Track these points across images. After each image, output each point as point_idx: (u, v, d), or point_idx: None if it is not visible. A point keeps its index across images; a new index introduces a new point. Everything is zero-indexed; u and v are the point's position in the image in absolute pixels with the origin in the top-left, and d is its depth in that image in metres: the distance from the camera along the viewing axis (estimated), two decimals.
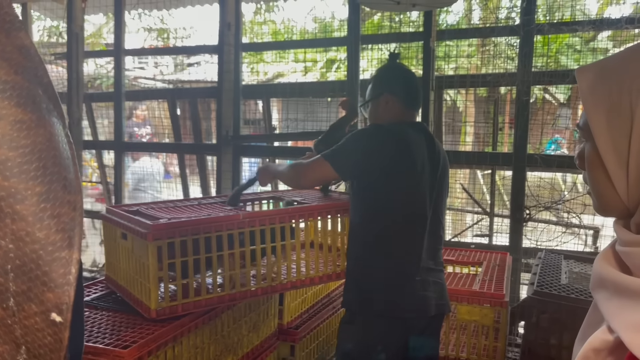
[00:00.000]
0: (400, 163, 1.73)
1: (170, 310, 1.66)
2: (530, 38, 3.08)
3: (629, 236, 0.62)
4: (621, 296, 0.59)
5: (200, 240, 1.70)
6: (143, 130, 5.72)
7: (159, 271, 1.63)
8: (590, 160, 0.66)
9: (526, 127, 3.14)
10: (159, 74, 7.66)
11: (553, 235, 3.34)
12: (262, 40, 6.76)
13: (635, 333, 0.53)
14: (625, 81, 0.60)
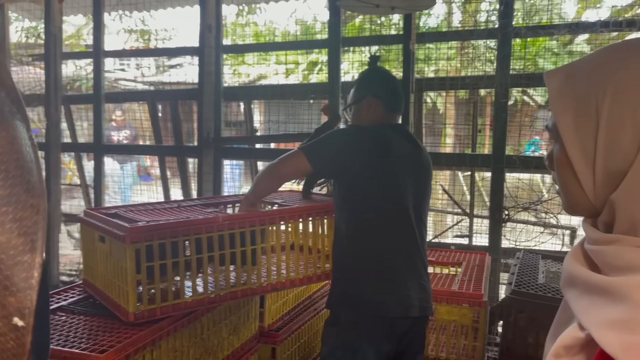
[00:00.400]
0: (378, 162, 1.75)
1: (148, 314, 1.65)
2: (508, 41, 3.12)
3: (597, 235, 0.64)
4: (591, 294, 0.60)
5: (179, 243, 1.69)
6: (121, 134, 5.68)
7: (137, 274, 1.62)
8: (558, 160, 0.67)
9: (504, 129, 3.18)
10: (140, 75, 7.60)
11: (531, 235, 3.39)
12: (244, 42, 6.75)
13: (606, 330, 0.54)
14: (591, 83, 0.62)
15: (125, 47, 8.26)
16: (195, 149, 3.94)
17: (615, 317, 0.54)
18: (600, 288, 0.58)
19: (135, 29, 8.60)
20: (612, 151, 0.60)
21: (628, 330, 0.52)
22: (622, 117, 0.59)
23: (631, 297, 0.54)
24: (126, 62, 8.45)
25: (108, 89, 5.21)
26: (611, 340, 0.53)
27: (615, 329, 0.53)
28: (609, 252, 0.61)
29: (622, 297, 0.55)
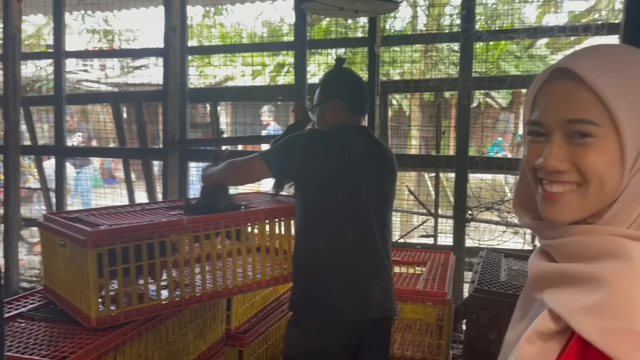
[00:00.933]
0: (336, 165, 1.76)
1: (111, 319, 1.63)
2: (470, 45, 3.19)
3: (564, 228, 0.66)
4: (567, 284, 0.62)
5: (142, 247, 1.67)
6: (74, 137, 5.56)
7: (100, 279, 1.60)
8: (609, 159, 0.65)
9: (467, 131, 3.25)
10: (103, 77, 7.45)
11: (494, 234, 3.47)
12: (210, 44, 6.69)
13: (582, 316, 0.57)
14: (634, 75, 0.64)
15: (87, 47, 8.08)
16: (160, 151, 3.89)
17: (592, 304, 0.56)
18: (579, 276, 0.61)
19: (98, 29, 8.42)
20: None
21: (607, 315, 0.54)
22: None
23: (608, 284, 0.56)
24: (89, 62, 8.27)
25: (70, 90, 5.10)
26: (589, 326, 0.55)
27: (593, 315, 0.56)
28: (581, 242, 0.63)
29: (599, 284, 0.57)
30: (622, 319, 0.53)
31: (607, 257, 0.59)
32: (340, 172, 1.76)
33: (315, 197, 1.79)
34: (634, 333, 0.52)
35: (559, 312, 0.60)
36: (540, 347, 0.62)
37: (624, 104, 0.61)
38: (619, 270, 0.56)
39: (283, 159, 1.78)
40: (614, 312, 0.54)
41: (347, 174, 1.77)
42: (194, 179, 3.92)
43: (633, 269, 0.56)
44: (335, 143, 1.79)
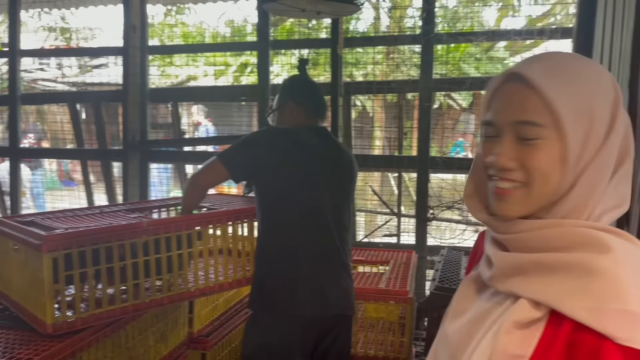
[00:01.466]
0: (291, 162, 1.79)
1: (68, 325, 1.59)
2: (430, 47, 3.25)
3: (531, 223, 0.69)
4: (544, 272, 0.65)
5: (100, 250, 1.64)
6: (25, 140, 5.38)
7: (55, 284, 1.56)
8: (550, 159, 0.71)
9: (428, 132, 3.30)
10: (60, 76, 7.24)
11: (455, 232, 3.53)
12: (172, 43, 6.59)
13: (574, 301, 0.60)
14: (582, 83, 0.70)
15: (44, 46, 7.85)
16: (120, 152, 3.81)
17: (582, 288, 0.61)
18: (559, 265, 0.64)
19: (55, 27, 8.19)
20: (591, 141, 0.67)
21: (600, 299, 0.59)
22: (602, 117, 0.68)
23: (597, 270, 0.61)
24: (46, 61, 8.03)
25: (26, 90, 4.94)
26: (580, 310, 0.59)
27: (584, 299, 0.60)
28: (548, 235, 0.67)
29: (586, 271, 0.61)
30: (614, 301, 0.58)
31: (581, 247, 0.64)
32: (295, 169, 1.79)
33: (270, 195, 1.82)
34: (629, 312, 0.57)
35: (542, 299, 0.63)
36: (520, 335, 0.64)
37: (567, 107, 0.66)
38: (602, 257, 0.61)
39: (239, 159, 1.80)
40: (604, 294, 0.59)
41: (302, 171, 1.80)
42: (155, 181, 3.86)
43: (614, 255, 0.61)
44: (290, 140, 1.82)
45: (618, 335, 0.57)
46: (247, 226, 2.04)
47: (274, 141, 1.82)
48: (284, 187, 1.79)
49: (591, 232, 0.64)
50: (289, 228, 1.80)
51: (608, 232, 0.65)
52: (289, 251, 1.80)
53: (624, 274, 0.60)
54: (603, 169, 0.67)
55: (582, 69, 0.68)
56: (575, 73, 0.68)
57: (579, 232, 0.65)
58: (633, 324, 0.57)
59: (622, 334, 0.57)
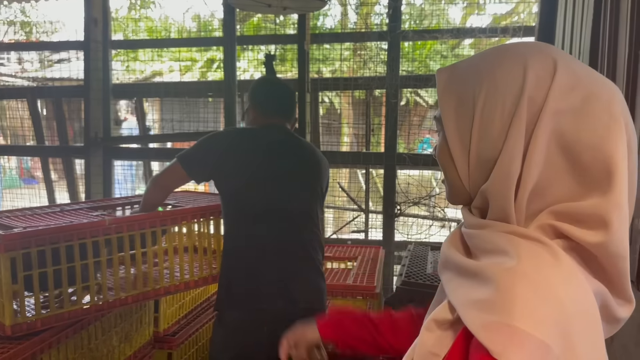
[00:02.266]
0: (248, 161, 1.80)
1: (28, 326, 1.54)
2: (397, 43, 3.27)
3: (472, 219, 0.69)
4: (461, 276, 0.65)
5: (60, 249, 1.59)
6: None
7: (14, 285, 1.51)
8: (441, 147, 0.72)
9: (395, 128, 3.33)
10: (20, 70, 7.02)
11: (422, 228, 3.58)
12: (137, 37, 6.47)
13: (470, 309, 0.59)
14: (471, 79, 0.68)
15: (3, 39, 7.60)
16: (81, 149, 3.72)
17: (479, 298, 0.59)
18: (470, 271, 0.63)
19: (15, 21, 7.94)
20: (483, 140, 0.65)
21: (489, 310, 0.57)
22: (494, 109, 0.64)
23: (494, 281, 0.58)
24: (5, 56, 7.77)
25: None
26: (473, 318, 0.57)
27: (478, 308, 0.58)
28: (480, 236, 0.66)
29: (486, 280, 0.59)
30: (501, 314, 0.55)
31: (497, 253, 0.62)
32: (252, 167, 1.79)
33: (230, 194, 1.82)
34: (509, 327, 0.54)
35: (453, 303, 0.63)
36: (438, 335, 0.64)
37: (448, 98, 0.69)
38: (505, 267, 0.59)
39: (196, 159, 1.81)
40: (495, 306, 0.56)
41: (259, 169, 1.80)
42: (119, 178, 3.79)
43: (517, 266, 0.58)
44: (247, 138, 1.84)
45: (493, 349, 0.54)
46: (213, 224, 2.02)
47: (230, 141, 1.83)
48: (242, 185, 1.79)
49: (507, 238, 0.63)
50: (250, 226, 1.80)
51: (530, 239, 0.62)
52: (251, 248, 1.80)
53: (520, 287, 0.56)
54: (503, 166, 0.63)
55: (483, 61, 0.68)
56: (472, 65, 0.69)
57: (497, 237, 0.63)
58: (508, 339, 0.54)
59: (496, 348, 0.54)
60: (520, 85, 0.63)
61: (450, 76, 0.70)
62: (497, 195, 0.64)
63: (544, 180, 0.63)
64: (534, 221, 0.64)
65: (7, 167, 5.24)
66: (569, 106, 0.62)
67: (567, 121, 0.62)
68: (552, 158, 0.62)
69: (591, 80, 0.64)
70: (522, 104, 0.62)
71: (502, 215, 0.64)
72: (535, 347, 0.53)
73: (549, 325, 0.54)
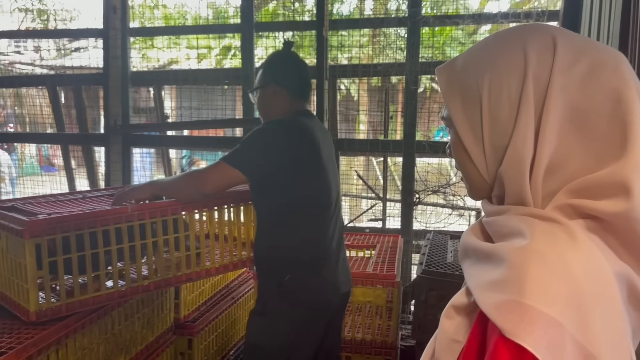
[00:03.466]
0: (307, 153, 1.75)
1: (52, 312, 1.56)
2: (417, 29, 3.22)
3: (491, 207, 0.68)
4: (479, 260, 0.64)
5: (84, 236, 1.60)
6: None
7: (39, 271, 1.52)
8: (454, 144, 0.71)
9: (414, 115, 3.29)
10: (38, 59, 7.06)
11: (440, 217, 3.55)
12: (152, 25, 6.47)
13: (483, 291, 0.58)
14: (472, 70, 0.67)
15: (20, 27, 7.65)
16: (101, 137, 3.74)
17: (492, 278, 0.58)
18: (485, 253, 0.63)
19: (31, 8, 7.98)
20: (494, 127, 0.64)
21: (500, 289, 0.56)
22: (500, 95, 0.64)
23: (506, 260, 0.57)
24: (22, 44, 7.83)
25: (1, 73, 4.81)
26: (486, 299, 0.56)
27: (491, 289, 0.57)
28: (498, 221, 0.65)
29: (499, 261, 0.58)
30: (512, 292, 0.54)
31: (513, 235, 0.61)
32: (309, 158, 1.75)
33: (290, 189, 1.74)
34: (520, 305, 0.53)
35: (469, 286, 0.62)
36: (458, 321, 0.63)
37: (452, 94, 0.68)
38: (517, 247, 0.58)
39: (254, 159, 1.70)
40: (506, 285, 0.55)
41: (315, 160, 1.76)
42: (138, 165, 3.81)
43: (529, 245, 0.57)
44: (299, 130, 1.76)
45: (505, 328, 0.53)
46: (233, 211, 2.02)
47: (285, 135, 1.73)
48: (303, 182, 1.74)
49: (523, 220, 0.62)
50: (308, 221, 1.77)
51: (546, 220, 0.60)
52: (309, 244, 1.77)
53: (531, 264, 0.55)
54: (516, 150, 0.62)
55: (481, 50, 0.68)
56: (470, 56, 0.69)
57: (513, 220, 0.63)
58: (520, 317, 0.52)
59: (508, 327, 0.52)
60: (523, 67, 0.62)
61: (450, 73, 0.70)
62: (511, 179, 0.63)
63: (558, 157, 0.62)
64: (551, 202, 0.63)
65: (26, 154, 5.30)
66: (575, 78, 0.61)
67: (576, 93, 0.61)
68: (564, 134, 0.61)
69: (593, 49, 0.63)
70: (528, 84, 0.61)
71: (518, 199, 0.64)
72: (548, 326, 0.52)
73: (562, 302, 0.53)
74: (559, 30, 0.65)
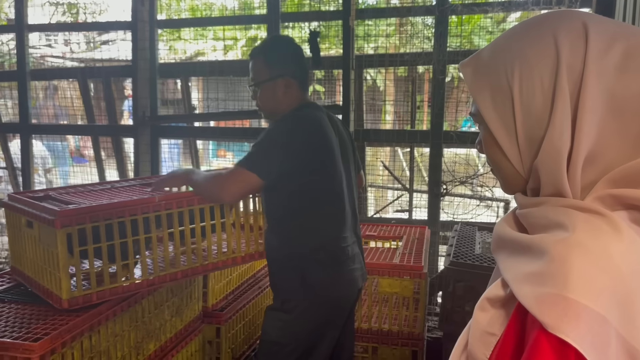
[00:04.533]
0: (321, 151, 1.73)
1: (83, 300, 1.59)
2: (445, 18, 3.17)
3: (526, 200, 0.67)
4: (515, 252, 0.63)
5: (113, 225, 1.63)
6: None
7: (70, 259, 1.55)
8: (485, 140, 0.69)
9: (442, 105, 3.25)
10: (69, 52, 7.19)
11: (468, 208, 3.50)
12: (179, 17, 6.52)
13: (522, 283, 0.56)
14: (500, 63, 0.65)
15: (51, 21, 7.79)
16: (130, 128, 3.80)
17: (532, 271, 0.56)
18: (523, 245, 0.61)
19: (61, 2, 8.12)
20: (528, 120, 0.63)
21: (542, 282, 0.54)
22: (532, 87, 0.62)
23: (547, 252, 0.56)
24: (53, 37, 7.98)
25: (34, 66, 4.91)
26: (526, 292, 0.55)
27: (531, 282, 0.56)
28: (535, 213, 0.63)
29: (540, 253, 0.57)
30: (555, 285, 0.53)
31: (553, 227, 0.59)
32: (325, 155, 1.74)
33: (307, 187, 1.73)
34: (564, 299, 0.52)
35: (506, 278, 0.61)
36: (492, 314, 0.62)
37: (480, 89, 0.66)
38: (558, 239, 0.56)
39: (271, 161, 1.67)
40: (548, 278, 0.54)
41: (328, 154, 1.75)
42: (166, 156, 3.85)
43: (571, 238, 0.56)
44: (313, 127, 1.73)
45: (547, 322, 0.51)
46: (258, 201, 2.02)
47: (300, 133, 1.69)
48: (319, 179, 1.73)
49: (562, 212, 0.60)
50: (326, 217, 1.76)
51: (587, 212, 0.59)
52: (329, 240, 1.75)
53: (575, 257, 0.54)
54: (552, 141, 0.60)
55: (508, 41, 0.66)
56: (497, 48, 0.67)
57: (552, 212, 0.61)
58: (563, 311, 0.51)
59: (551, 321, 0.51)
60: (555, 56, 0.60)
61: (476, 66, 0.68)
62: (548, 171, 0.61)
63: (596, 147, 0.60)
64: (591, 193, 0.61)
65: (59, 146, 5.41)
66: (610, 64, 0.59)
67: (613, 80, 0.59)
68: (602, 123, 0.59)
69: (628, 33, 0.61)
70: (561, 74, 0.60)
71: (556, 191, 0.62)
72: (592, 320, 0.51)
73: (606, 296, 0.52)
74: (589, 15, 0.63)
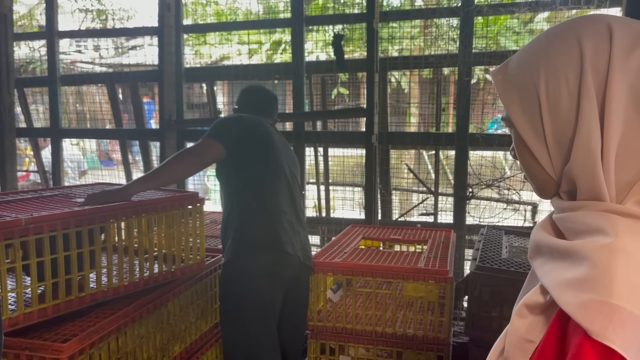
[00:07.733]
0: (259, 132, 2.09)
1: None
2: (471, 19, 3.14)
3: (563, 203, 0.66)
4: (554, 258, 0.62)
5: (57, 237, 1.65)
6: None
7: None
8: (517, 145, 0.70)
9: (468, 107, 3.21)
10: (97, 57, 7.35)
11: (495, 211, 3.45)
12: (205, 22, 6.59)
13: (564, 290, 0.56)
14: (527, 68, 0.66)
15: (80, 27, 7.97)
16: (157, 132, 3.85)
17: (574, 277, 0.56)
18: (562, 251, 0.60)
19: (90, 9, 8.29)
20: (556, 122, 0.63)
21: (584, 288, 0.53)
22: (558, 89, 0.62)
23: (589, 258, 0.55)
24: (83, 43, 8.16)
25: (64, 72, 5.02)
26: (568, 298, 0.54)
27: (572, 288, 0.55)
28: (573, 218, 0.63)
29: (581, 259, 0.56)
30: (598, 292, 0.52)
31: (593, 233, 0.59)
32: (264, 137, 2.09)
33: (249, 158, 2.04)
34: (608, 305, 0.51)
35: (545, 285, 0.60)
36: (531, 320, 0.62)
37: (509, 94, 0.67)
38: (601, 245, 0.55)
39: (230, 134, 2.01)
40: (592, 284, 0.53)
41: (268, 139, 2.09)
42: None
43: (614, 243, 0.55)
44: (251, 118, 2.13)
45: (591, 329, 0.51)
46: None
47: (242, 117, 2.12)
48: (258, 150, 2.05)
49: (602, 216, 0.59)
50: (267, 184, 2.03)
51: (629, 216, 0.58)
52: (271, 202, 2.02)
53: (619, 264, 0.53)
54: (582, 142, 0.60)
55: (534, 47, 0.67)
56: (524, 54, 0.68)
57: (591, 216, 0.60)
58: (608, 318, 0.50)
59: (595, 328, 0.50)
60: (579, 57, 0.61)
61: (505, 74, 0.69)
62: (583, 174, 0.61)
63: (627, 147, 0.59)
64: (629, 195, 0.60)
65: (87, 149, 5.52)
66: (636, 63, 0.59)
67: (638, 78, 0.59)
68: (630, 121, 0.59)
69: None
70: (586, 74, 0.60)
71: (593, 194, 0.61)
72: (638, 327, 0.50)
73: None
74: (614, 18, 0.63)
